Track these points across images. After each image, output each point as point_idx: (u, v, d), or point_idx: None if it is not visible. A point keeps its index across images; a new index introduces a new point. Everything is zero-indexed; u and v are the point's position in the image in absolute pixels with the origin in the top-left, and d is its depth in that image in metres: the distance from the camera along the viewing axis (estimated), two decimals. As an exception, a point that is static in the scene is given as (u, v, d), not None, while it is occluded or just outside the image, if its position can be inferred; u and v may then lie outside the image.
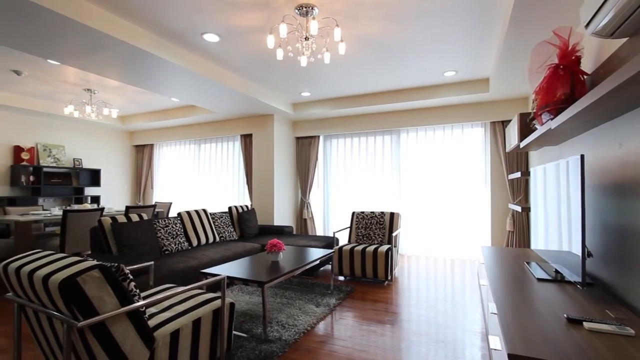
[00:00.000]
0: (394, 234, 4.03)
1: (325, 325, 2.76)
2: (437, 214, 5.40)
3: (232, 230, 4.71)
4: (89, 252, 3.96)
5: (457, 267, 4.71)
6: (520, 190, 4.68)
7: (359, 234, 4.45)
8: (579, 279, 1.51)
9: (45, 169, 5.97)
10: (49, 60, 3.72)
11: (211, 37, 3.27)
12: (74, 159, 6.46)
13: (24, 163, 5.66)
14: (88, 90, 5.00)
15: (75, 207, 4.71)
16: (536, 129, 2.19)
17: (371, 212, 4.49)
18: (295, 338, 2.48)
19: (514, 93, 4.51)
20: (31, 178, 5.76)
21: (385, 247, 3.93)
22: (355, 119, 5.89)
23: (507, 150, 3.48)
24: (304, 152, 6.33)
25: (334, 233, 4.16)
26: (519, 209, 2.86)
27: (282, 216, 5.99)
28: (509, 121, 4.88)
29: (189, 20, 2.96)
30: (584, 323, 1.23)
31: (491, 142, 5.00)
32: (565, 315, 1.32)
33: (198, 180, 6.94)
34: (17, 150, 5.64)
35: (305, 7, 2.66)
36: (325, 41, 3.33)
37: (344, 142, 6.12)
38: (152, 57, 3.31)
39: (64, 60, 3.39)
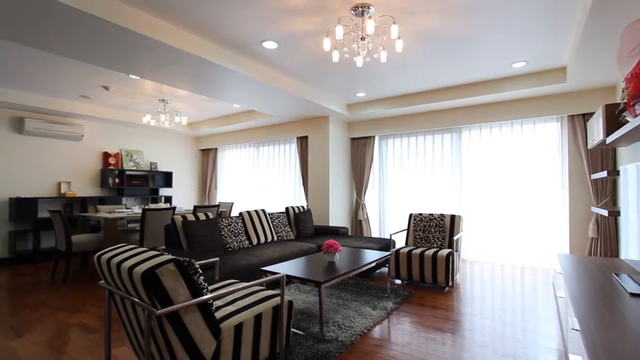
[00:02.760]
0: (455, 238, 3.81)
1: (382, 329, 2.71)
2: (505, 217, 5.00)
3: (289, 230, 4.85)
4: (164, 247, 4.36)
5: (528, 276, 4.31)
6: (607, 191, 4.13)
7: (417, 236, 4.29)
8: (687, 297, 1.29)
9: (127, 172, 6.72)
10: (130, 76, 4.19)
11: (270, 45, 3.41)
12: (150, 162, 7.18)
13: (111, 167, 6.44)
14: (162, 100, 5.52)
15: (152, 206, 5.23)
16: (627, 121, 1.92)
17: (430, 214, 4.30)
18: (351, 340, 2.47)
19: (597, 82, 4.00)
20: (116, 180, 6.53)
21: (445, 251, 3.74)
22: (412, 117, 5.71)
23: (589, 146, 3.09)
24: (359, 153, 6.29)
25: (390, 235, 4.07)
26: (605, 212, 2.53)
27: (337, 217, 6.02)
28: (592, 114, 4.34)
29: (250, 30, 3.12)
30: (695, 349, 1.04)
31: (569, 138, 4.48)
32: (669, 337, 1.13)
33: (257, 182, 7.27)
34: (106, 156, 6.44)
35: (361, 7, 2.64)
36: (382, 40, 3.28)
37: (400, 142, 5.96)
38: (216, 66, 3.55)
39: (143, 75, 3.79)
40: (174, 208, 4.59)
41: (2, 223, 5.22)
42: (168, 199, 7.37)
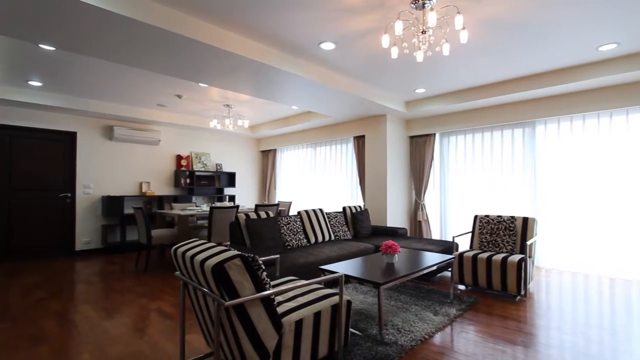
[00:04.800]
0: (528, 243, 3.48)
1: (444, 336, 2.58)
2: (590, 222, 4.43)
3: (346, 229, 4.85)
4: (229, 243, 4.65)
5: (619, 289, 3.77)
6: None
7: (483, 240, 4.00)
8: None
9: (196, 173, 7.31)
10: (200, 84, 4.54)
11: (327, 46, 3.44)
12: (216, 164, 7.71)
13: (183, 168, 7.05)
14: (227, 105, 5.90)
15: (218, 204, 5.61)
16: None
17: (498, 217, 3.98)
18: (411, 344, 2.39)
19: None
20: (187, 180, 7.13)
21: (516, 257, 3.43)
22: (477, 112, 5.34)
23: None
24: (418, 151, 6.06)
25: (453, 238, 3.86)
26: None
27: (395, 217, 5.87)
28: None
29: (308, 33, 3.18)
30: None
31: (673, 130, 3.83)
32: None
33: (314, 181, 7.39)
34: (178, 158, 7.06)
35: (422, 0, 2.54)
36: (444, 32, 3.12)
37: (463, 139, 5.61)
38: (276, 70, 3.68)
39: (210, 82, 4.08)
40: (238, 206, 4.87)
41: (97, 218, 6.01)
42: (232, 198, 7.84)
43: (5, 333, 2.65)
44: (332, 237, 4.62)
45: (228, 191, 8.03)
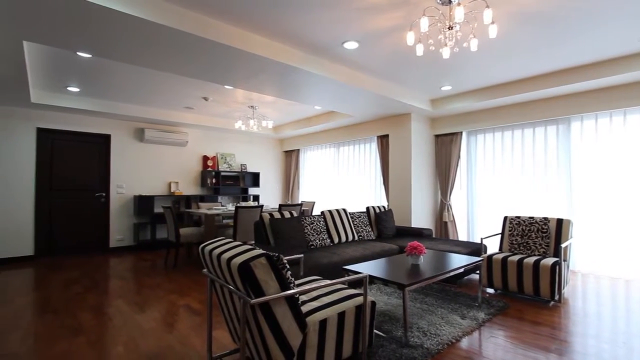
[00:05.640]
0: (562, 245, 3.31)
1: (472, 341, 2.50)
2: (629, 224, 4.16)
3: (369, 230, 4.81)
4: (253, 242, 4.73)
5: (665, 296, 3.52)
6: None
7: (513, 242, 3.85)
8: None
9: (222, 173, 7.48)
10: (225, 86, 4.64)
11: (351, 45, 3.42)
12: (241, 164, 7.86)
13: (209, 169, 7.24)
14: (251, 107, 5.99)
15: (243, 204, 5.72)
16: None
17: (530, 218, 3.82)
18: (438, 348, 2.34)
19: None
20: (213, 180, 7.31)
21: (550, 260, 3.28)
22: (506, 109, 5.14)
23: None
24: (444, 150, 5.92)
25: (481, 239, 3.73)
26: None
27: (420, 218, 5.76)
28: None
29: (331, 33, 3.18)
30: None
31: None
32: None
33: (337, 181, 7.38)
34: (205, 159, 7.26)
35: (448, -5, 2.48)
36: (472, 27, 3.02)
37: (492, 137, 5.42)
38: (300, 71, 3.71)
39: (235, 85, 4.17)
40: (262, 206, 4.94)
41: (129, 216, 6.28)
42: (256, 198, 7.97)
43: (49, 323, 2.82)
44: (356, 237, 4.60)
45: (252, 191, 8.17)
